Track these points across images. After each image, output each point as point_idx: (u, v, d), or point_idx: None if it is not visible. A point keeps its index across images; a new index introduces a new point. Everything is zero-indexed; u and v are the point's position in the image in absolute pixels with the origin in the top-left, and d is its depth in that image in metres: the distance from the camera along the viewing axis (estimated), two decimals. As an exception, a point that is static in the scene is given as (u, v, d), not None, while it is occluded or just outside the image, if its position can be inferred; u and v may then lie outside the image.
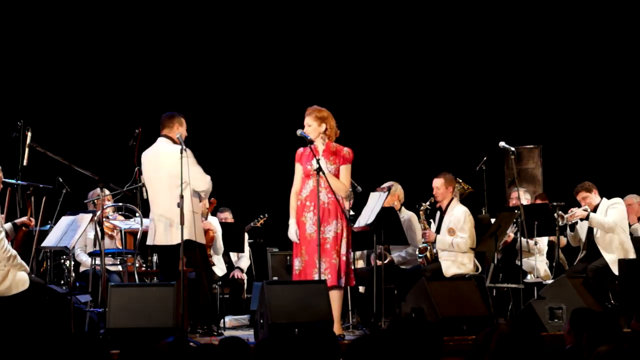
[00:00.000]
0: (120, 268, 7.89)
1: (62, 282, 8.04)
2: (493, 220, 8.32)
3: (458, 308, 7.06)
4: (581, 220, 8.32)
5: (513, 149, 8.28)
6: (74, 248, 7.74)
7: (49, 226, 7.73)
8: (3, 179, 6.76)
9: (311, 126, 6.97)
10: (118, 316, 6.32)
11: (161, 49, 10.97)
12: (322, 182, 6.86)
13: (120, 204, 7.96)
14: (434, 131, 11.46)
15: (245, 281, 9.08)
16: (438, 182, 8.18)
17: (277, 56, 11.36)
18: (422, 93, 11.56)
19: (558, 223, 8.23)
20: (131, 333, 6.20)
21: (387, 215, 7.74)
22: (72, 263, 7.75)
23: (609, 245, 8.13)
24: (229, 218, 9.25)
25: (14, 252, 6.35)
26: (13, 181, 7.35)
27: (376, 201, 7.53)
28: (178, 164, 6.63)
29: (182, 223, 6.46)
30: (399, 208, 8.47)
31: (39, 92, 10.45)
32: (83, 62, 10.69)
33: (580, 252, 8.51)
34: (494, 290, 8.39)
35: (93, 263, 7.56)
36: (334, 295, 6.80)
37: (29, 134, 7.22)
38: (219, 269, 8.52)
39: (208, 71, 11.23)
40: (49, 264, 7.98)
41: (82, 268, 8.23)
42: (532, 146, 10.85)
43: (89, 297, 7.30)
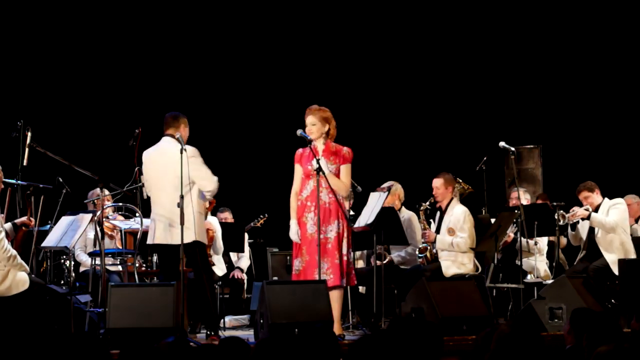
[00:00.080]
0: (120, 268, 7.90)
1: (62, 282, 8.04)
2: (493, 220, 8.33)
3: (458, 308, 7.05)
4: (582, 219, 8.32)
5: (513, 149, 8.28)
6: (74, 248, 7.75)
7: (49, 226, 7.73)
8: (3, 179, 6.76)
9: (315, 125, 6.96)
10: (118, 316, 6.32)
11: (161, 49, 10.97)
12: (323, 182, 6.86)
13: (120, 204, 7.96)
14: (434, 131, 11.46)
15: (245, 281, 9.09)
16: (438, 182, 8.18)
17: (277, 56, 11.36)
18: (422, 93, 11.57)
19: (559, 222, 8.23)
20: (131, 333, 6.20)
21: (387, 215, 7.74)
22: (72, 263, 7.75)
23: (610, 245, 8.13)
24: (229, 218, 9.25)
25: (14, 252, 6.35)
26: (13, 181, 7.35)
27: (376, 201, 7.53)
28: (185, 164, 6.64)
29: (182, 223, 6.45)
30: (400, 207, 8.47)
31: (39, 92, 10.45)
32: (83, 62, 10.69)
33: (580, 252, 8.51)
34: (494, 290, 8.40)
35: (93, 263, 7.57)
36: (335, 295, 6.80)
37: (29, 134, 7.22)
38: (219, 269, 8.52)
39: (208, 71, 11.24)
40: (49, 264, 7.98)
41: (82, 268, 8.23)
42: (532, 146, 10.86)
43: (89, 297, 7.30)
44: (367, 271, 8.07)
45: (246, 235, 9.24)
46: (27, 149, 7.20)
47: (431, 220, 8.40)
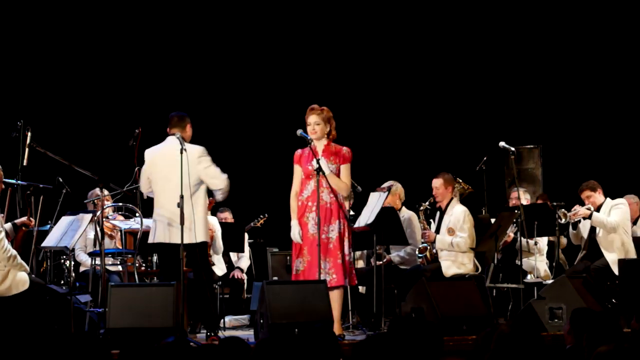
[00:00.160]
0: (120, 268, 7.90)
1: (62, 282, 8.03)
2: (493, 220, 8.33)
3: (458, 308, 7.05)
4: (584, 219, 8.32)
5: (513, 149, 8.27)
6: (74, 248, 7.75)
7: (49, 226, 7.73)
8: (3, 179, 6.76)
9: (320, 125, 6.96)
10: (118, 316, 6.32)
11: (161, 49, 10.97)
12: (323, 182, 6.86)
13: (120, 204, 7.96)
14: (434, 131, 11.46)
15: (245, 281, 9.09)
16: (437, 182, 8.19)
17: (277, 56, 11.35)
18: (422, 93, 11.56)
19: (560, 221, 8.24)
20: (131, 333, 6.20)
21: (387, 215, 7.74)
22: (72, 263, 7.75)
23: (611, 245, 8.13)
24: (229, 218, 9.25)
25: (14, 252, 6.34)
26: (13, 181, 7.35)
27: (376, 201, 7.53)
28: (195, 164, 6.63)
29: (182, 223, 6.44)
30: (400, 207, 8.47)
31: (39, 92, 10.45)
32: (83, 62, 10.69)
33: (580, 252, 8.52)
34: (494, 290, 8.40)
35: (93, 263, 7.57)
36: (336, 295, 6.80)
37: (29, 134, 7.22)
38: (219, 269, 8.52)
39: (208, 71, 11.23)
40: (49, 264, 7.98)
41: (82, 268, 8.23)
42: (532, 146, 10.86)
43: (89, 297, 7.30)
44: (367, 271, 8.07)
45: (246, 235, 9.24)
46: (27, 149, 7.20)
47: (431, 220, 8.41)
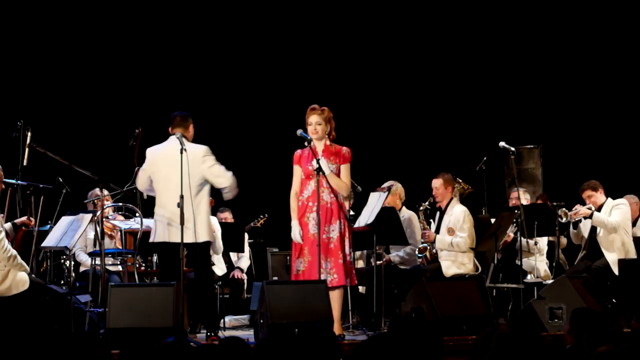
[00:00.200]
0: (120, 268, 7.89)
1: (62, 282, 8.03)
2: (493, 220, 8.33)
3: (458, 308, 7.05)
4: (585, 218, 8.33)
5: (513, 149, 8.28)
6: (74, 248, 7.75)
7: (49, 226, 7.73)
8: (3, 179, 6.76)
9: (321, 125, 6.96)
10: (118, 316, 6.32)
11: (161, 49, 10.97)
12: (324, 182, 6.87)
13: (120, 204, 7.96)
14: (434, 131, 11.46)
15: (245, 281, 9.09)
16: (437, 183, 8.20)
17: (277, 56, 11.35)
18: (422, 93, 11.56)
19: (561, 220, 8.24)
20: (131, 333, 6.20)
21: (387, 215, 7.74)
22: (72, 263, 7.74)
23: (611, 245, 8.14)
24: (229, 218, 9.25)
25: (14, 252, 6.35)
26: (13, 181, 7.35)
27: (376, 201, 7.53)
28: (200, 164, 6.63)
29: (182, 223, 6.44)
30: (400, 207, 8.47)
31: (39, 92, 10.45)
32: (83, 62, 10.69)
33: (580, 251, 8.52)
34: (494, 290, 8.40)
35: (93, 263, 7.57)
36: (336, 295, 6.80)
37: (29, 134, 7.23)
38: (219, 269, 8.52)
39: (208, 71, 11.23)
40: (49, 264, 7.97)
41: (82, 268, 8.22)
42: (532, 146, 10.86)
43: (89, 297, 7.30)
44: (367, 271, 8.07)
45: (246, 235, 9.24)
46: (27, 149, 7.21)
47: (431, 220, 8.41)
